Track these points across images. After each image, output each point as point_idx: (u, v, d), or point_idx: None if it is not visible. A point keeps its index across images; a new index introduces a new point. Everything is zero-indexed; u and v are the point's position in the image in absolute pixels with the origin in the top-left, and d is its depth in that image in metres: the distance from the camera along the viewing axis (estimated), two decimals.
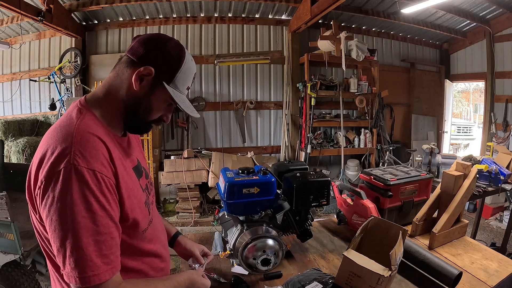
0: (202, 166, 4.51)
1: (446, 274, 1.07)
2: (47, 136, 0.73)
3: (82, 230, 0.64)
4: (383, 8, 4.98)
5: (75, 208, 0.63)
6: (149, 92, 0.80)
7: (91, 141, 0.70)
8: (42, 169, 0.66)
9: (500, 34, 5.14)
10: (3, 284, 1.92)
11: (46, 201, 0.65)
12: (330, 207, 4.25)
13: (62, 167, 0.64)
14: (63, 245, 0.63)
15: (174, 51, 0.80)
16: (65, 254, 0.63)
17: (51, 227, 0.65)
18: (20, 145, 4.00)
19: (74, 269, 0.63)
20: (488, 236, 3.95)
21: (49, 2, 3.90)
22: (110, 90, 0.81)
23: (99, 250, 0.65)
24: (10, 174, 3.19)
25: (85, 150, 0.67)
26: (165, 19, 5.00)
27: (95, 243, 0.65)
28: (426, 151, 2.71)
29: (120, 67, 0.81)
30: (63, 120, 0.76)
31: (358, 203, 1.48)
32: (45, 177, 0.65)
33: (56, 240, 0.64)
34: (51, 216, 0.64)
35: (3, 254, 1.94)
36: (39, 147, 0.72)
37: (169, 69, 0.80)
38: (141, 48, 0.79)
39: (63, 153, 0.66)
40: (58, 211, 0.63)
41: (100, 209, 0.66)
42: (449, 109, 6.57)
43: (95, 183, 0.67)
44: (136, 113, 0.81)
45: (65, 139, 0.68)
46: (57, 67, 4.66)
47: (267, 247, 1.12)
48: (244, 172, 1.23)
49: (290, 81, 5.16)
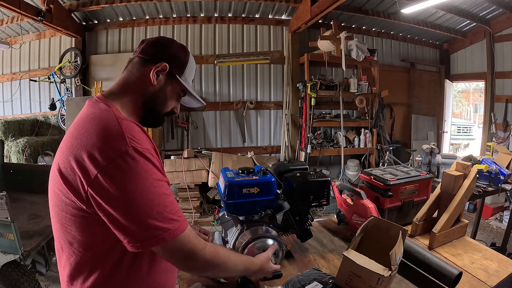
0: (202, 166, 4.51)
1: (446, 274, 1.07)
2: (83, 127, 0.75)
3: (158, 197, 0.73)
4: (383, 8, 4.98)
5: (147, 182, 0.72)
6: (164, 85, 0.89)
7: (135, 127, 0.78)
8: (95, 156, 0.69)
9: (500, 34, 5.14)
10: (3, 284, 1.92)
11: (113, 185, 0.69)
12: (330, 207, 4.25)
13: (123, 150, 0.70)
14: (142, 217, 0.70)
15: (181, 50, 0.93)
16: (146, 223, 0.70)
17: (122, 208, 0.70)
18: (20, 145, 4.00)
19: (160, 230, 0.71)
20: (488, 236, 3.95)
21: (49, 2, 3.90)
22: (126, 87, 0.88)
23: (173, 207, 0.76)
24: (10, 174, 3.19)
25: (136, 135, 0.75)
26: (165, 19, 5.00)
27: (170, 204, 0.75)
28: (426, 151, 2.71)
29: (133, 67, 0.89)
30: (95, 111, 0.80)
31: (358, 203, 1.48)
32: (106, 163, 0.69)
33: (131, 218, 0.70)
34: (122, 197, 0.69)
35: (3, 254, 1.94)
36: (77, 134, 0.74)
37: (179, 64, 0.91)
38: (152, 48, 0.89)
39: (118, 138, 0.72)
40: (131, 189, 0.70)
41: (163, 177, 0.77)
42: (449, 109, 6.56)
43: (152, 158, 0.76)
44: (154, 106, 0.90)
45: (113, 125, 0.74)
46: (57, 67, 4.66)
47: (267, 247, 1.12)
48: (244, 172, 1.23)
49: (290, 81, 5.16)
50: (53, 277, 2.76)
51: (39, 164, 3.84)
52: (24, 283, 1.97)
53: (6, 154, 3.93)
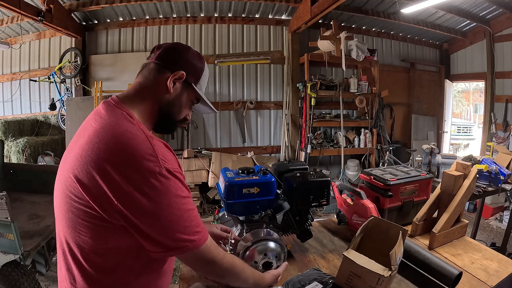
0: (202, 166, 4.51)
1: (446, 274, 1.07)
2: (109, 139, 0.74)
3: (186, 213, 0.78)
4: (383, 8, 4.98)
5: (177, 200, 0.76)
6: (180, 93, 0.90)
7: (163, 147, 0.80)
8: (130, 173, 0.71)
9: (500, 34, 5.14)
10: (3, 284, 1.92)
11: (146, 201, 0.72)
12: (330, 207, 4.25)
13: (158, 171, 0.73)
14: (171, 231, 0.75)
15: (197, 57, 0.93)
16: (173, 236, 0.75)
17: (152, 222, 0.74)
18: (20, 145, 4.00)
19: (185, 242, 0.76)
20: (488, 236, 3.95)
21: (49, 2, 3.90)
22: (142, 93, 0.87)
23: (196, 221, 0.80)
24: (10, 174, 3.19)
25: (166, 155, 0.78)
26: (165, 19, 5.00)
27: (194, 218, 0.80)
28: (426, 151, 2.71)
29: (149, 73, 0.88)
30: (119, 122, 0.78)
31: (358, 203, 1.48)
32: (142, 181, 0.72)
33: (161, 231, 0.75)
34: (154, 213, 0.73)
35: (3, 254, 1.94)
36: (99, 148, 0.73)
37: (196, 72, 0.92)
38: (168, 55, 0.89)
39: (152, 159, 0.74)
40: (163, 206, 0.74)
41: (188, 194, 0.81)
42: (449, 109, 6.56)
43: (181, 178, 0.80)
44: (169, 113, 0.91)
45: (145, 146, 0.75)
46: (57, 67, 4.66)
47: (269, 250, 1.10)
48: (244, 172, 1.23)
49: (290, 81, 5.16)
50: (53, 277, 2.76)
51: (39, 164, 3.84)
52: (24, 283, 1.97)
53: (6, 154, 3.93)
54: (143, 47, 4.99)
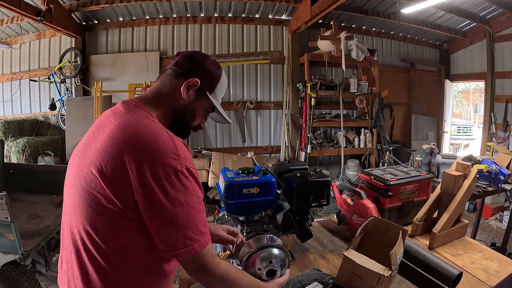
0: (202, 166, 4.51)
1: (446, 274, 1.07)
2: (134, 135, 0.77)
3: (197, 213, 0.79)
4: (383, 8, 4.98)
5: (192, 198, 0.78)
6: (194, 100, 0.92)
7: (183, 145, 0.82)
8: (153, 168, 0.74)
9: (500, 34, 5.14)
10: (3, 284, 1.92)
11: (165, 197, 0.74)
12: (330, 207, 4.25)
13: (179, 169, 0.76)
14: (182, 228, 0.76)
15: (214, 67, 0.95)
16: (184, 234, 0.77)
17: (168, 217, 0.75)
18: (20, 145, 4.00)
19: (193, 241, 0.77)
20: (488, 236, 3.95)
21: (49, 2, 3.90)
22: (159, 97, 0.90)
23: (204, 223, 0.81)
24: (10, 174, 3.19)
25: (186, 153, 0.81)
26: (165, 19, 5.00)
27: (203, 219, 0.81)
28: (426, 151, 2.71)
29: (166, 78, 0.92)
30: (143, 120, 0.81)
31: (358, 203, 1.48)
32: (164, 177, 0.74)
33: (173, 227, 0.76)
34: (170, 209, 0.75)
35: (3, 254, 1.93)
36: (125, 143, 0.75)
37: (211, 81, 0.94)
38: (186, 62, 0.91)
39: (174, 157, 0.76)
40: (180, 203, 0.76)
41: (201, 195, 0.83)
42: (449, 109, 6.56)
43: (198, 178, 0.82)
44: (182, 119, 0.93)
45: (169, 143, 0.78)
46: (57, 67, 4.66)
47: (273, 257, 1.03)
48: (244, 172, 1.23)
49: (290, 81, 5.16)
50: (53, 277, 2.76)
51: (39, 164, 3.84)
52: (24, 283, 1.97)
53: (6, 154, 3.93)
54: (143, 47, 4.99)
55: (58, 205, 2.78)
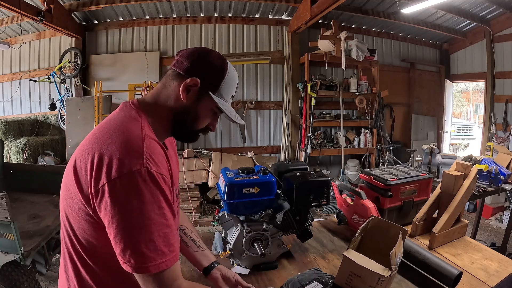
0: (202, 166, 4.51)
1: (446, 274, 1.07)
2: (107, 132, 0.75)
3: (154, 225, 0.69)
4: (383, 8, 4.98)
5: (149, 206, 0.69)
6: (196, 102, 0.84)
7: (157, 148, 0.76)
8: (108, 166, 0.68)
9: (500, 34, 5.14)
10: (3, 284, 1.92)
11: (116, 199, 0.67)
12: (330, 207, 4.25)
13: (136, 169, 0.68)
14: (133, 239, 0.68)
15: (217, 62, 0.85)
16: (135, 247, 0.68)
17: (118, 223, 0.68)
18: (20, 145, 4.00)
19: (146, 259, 0.68)
20: (488, 236, 3.95)
21: (49, 2, 3.90)
22: (158, 99, 0.85)
23: (167, 240, 0.71)
24: (10, 174, 3.19)
25: (154, 156, 0.73)
26: (165, 19, 5.00)
27: (164, 235, 0.71)
28: (426, 151, 2.71)
29: (166, 80, 0.85)
30: (125, 117, 0.79)
31: (358, 203, 1.48)
32: (116, 176, 0.67)
33: (124, 236, 0.68)
34: (120, 213, 0.67)
35: (3, 254, 1.93)
36: (96, 138, 0.74)
37: (214, 79, 0.84)
38: (186, 61, 0.83)
39: (135, 155, 0.70)
40: (132, 208, 0.68)
41: (167, 206, 0.73)
42: (449, 109, 6.56)
43: (163, 184, 0.73)
44: (184, 122, 0.86)
45: (136, 140, 0.73)
46: (57, 67, 4.66)
47: None
48: (244, 172, 1.23)
49: (290, 81, 5.16)
50: (53, 277, 2.76)
51: (39, 164, 3.84)
52: (24, 283, 1.97)
53: (6, 154, 3.93)
54: (143, 47, 4.99)
55: (58, 205, 2.76)
